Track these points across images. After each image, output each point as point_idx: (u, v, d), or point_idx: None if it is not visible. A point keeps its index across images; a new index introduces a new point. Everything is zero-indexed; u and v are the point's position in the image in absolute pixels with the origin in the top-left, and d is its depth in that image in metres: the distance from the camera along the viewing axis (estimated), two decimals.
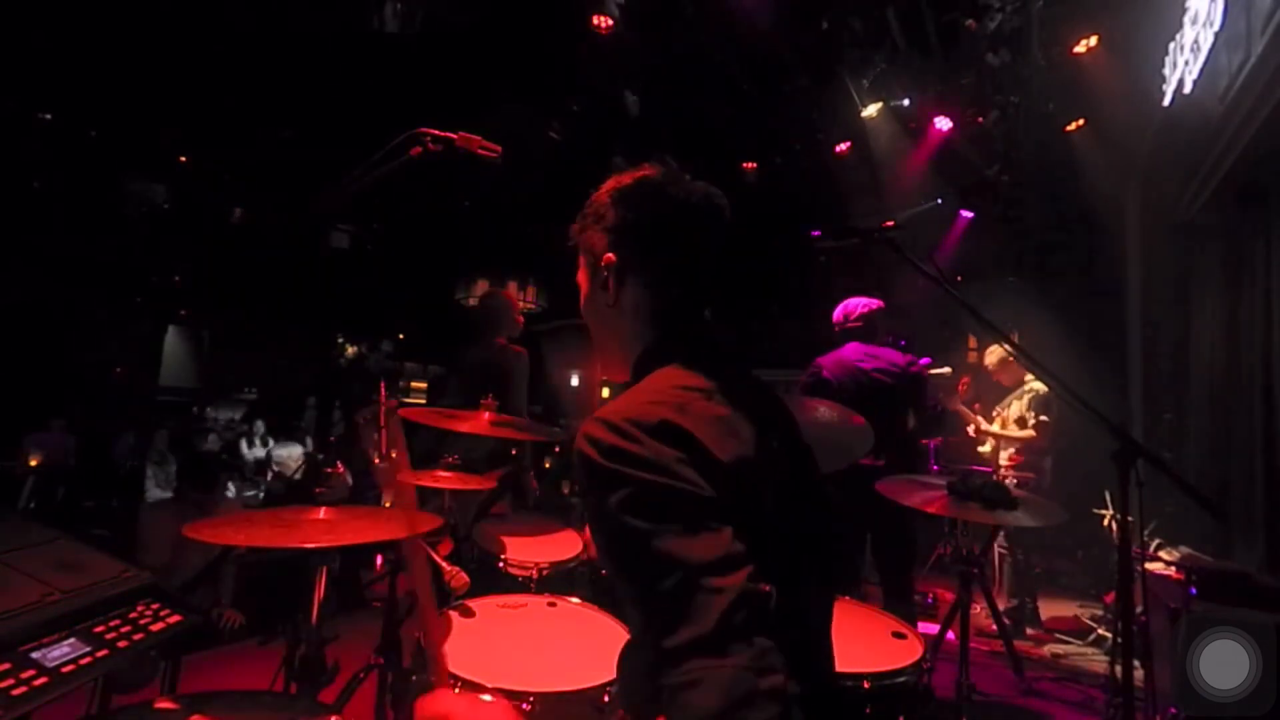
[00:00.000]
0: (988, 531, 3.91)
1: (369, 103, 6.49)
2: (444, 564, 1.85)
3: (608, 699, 1.41)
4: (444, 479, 2.24)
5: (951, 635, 2.90)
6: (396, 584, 2.18)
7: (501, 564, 2.30)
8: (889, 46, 6.16)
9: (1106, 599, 4.25)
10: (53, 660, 1.01)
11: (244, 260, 10.43)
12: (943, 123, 6.82)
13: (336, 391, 11.34)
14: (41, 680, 0.97)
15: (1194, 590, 2.30)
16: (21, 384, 8.66)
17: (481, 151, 1.62)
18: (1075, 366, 5.09)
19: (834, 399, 2.45)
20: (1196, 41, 4.30)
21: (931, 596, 4.90)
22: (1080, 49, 5.63)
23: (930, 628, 3.28)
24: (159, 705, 1.19)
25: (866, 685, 1.59)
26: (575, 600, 1.97)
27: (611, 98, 7.00)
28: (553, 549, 2.50)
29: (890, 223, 1.91)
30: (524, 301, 10.74)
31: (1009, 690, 3.47)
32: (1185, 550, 3.14)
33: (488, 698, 1.29)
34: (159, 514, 4.43)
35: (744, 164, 8.28)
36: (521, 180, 7.85)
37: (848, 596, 2.20)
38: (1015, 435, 4.49)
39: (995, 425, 4.64)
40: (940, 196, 7.55)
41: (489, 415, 2.36)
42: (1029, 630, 4.35)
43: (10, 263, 8.57)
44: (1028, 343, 4.33)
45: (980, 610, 4.14)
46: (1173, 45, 4.82)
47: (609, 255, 0.98)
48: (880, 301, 3.32)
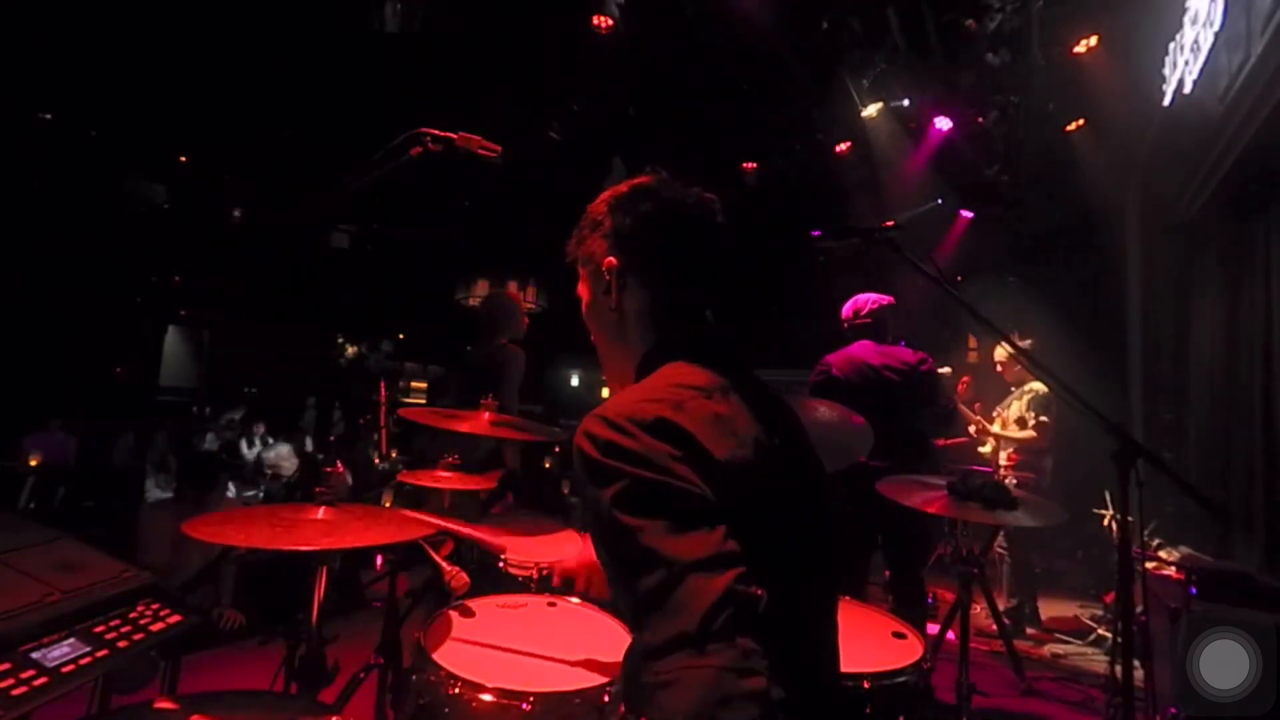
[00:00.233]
0: (988, 531, 3.91)
1: (369, 103, 6.50)
2: (444, 564, 1.85)
3: (608, 699, 1.41)
4: (444, 479, 2.24)
5: (951, 635, 2.91)
6: (396, 584, 2.19)
7: (501, 564, 2.30)
8: (889, 46, 6.16)
9: (1106, 599, 4.25)
10: (53, 660, 1.01)
11: (244, 260, 10.45)
12: (943, 123, 6.82)
13: (336, 391, 11.34)
14: (41, 680, 0.97)
15: (1194, 590, 2.29)
16: (21, 384, 8.65)
17: (481, 151, 1.62)
18: (1075, 366, 5.10)
19: (843, 397, 2.41)
20: (1196, 41, 4.30)
21: (931, 596, 4.88)
22: (1080, 49, 5.63)
23: (930, 628, 3.28)
24: (159, 705, 1.19)
25: (866, 685, 1.58)
26: (575, 600, 1.97)
27: (611, 97, 7.00)
28: (553, 549, 2.50)
29: (890, 223, 1.90)
30: (524, 302, 10.73)
31: (1009, 690, 3.47)
32: (1185, 550, 3.14)
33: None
34: (159, 514, 4.44)
35: (744, 164, 8.28)
36: (521, 180, 7.85)
37: (850, 597, 2.20)
38: (1015, 435, 4.49)
39: (995, 425, 4.65)
40: (940, 196, 7.55)
41: (489, 415, 2.36)
42: (1029, 630, 4.36)
43: (10, 263, 8.57)
44: (1028, 343, 4.33)
45: (980, 610, 4.14)
46: (1173, 45, 4.82)
47: (610, 259, 0.99)
48: (890, 298, 3.27)
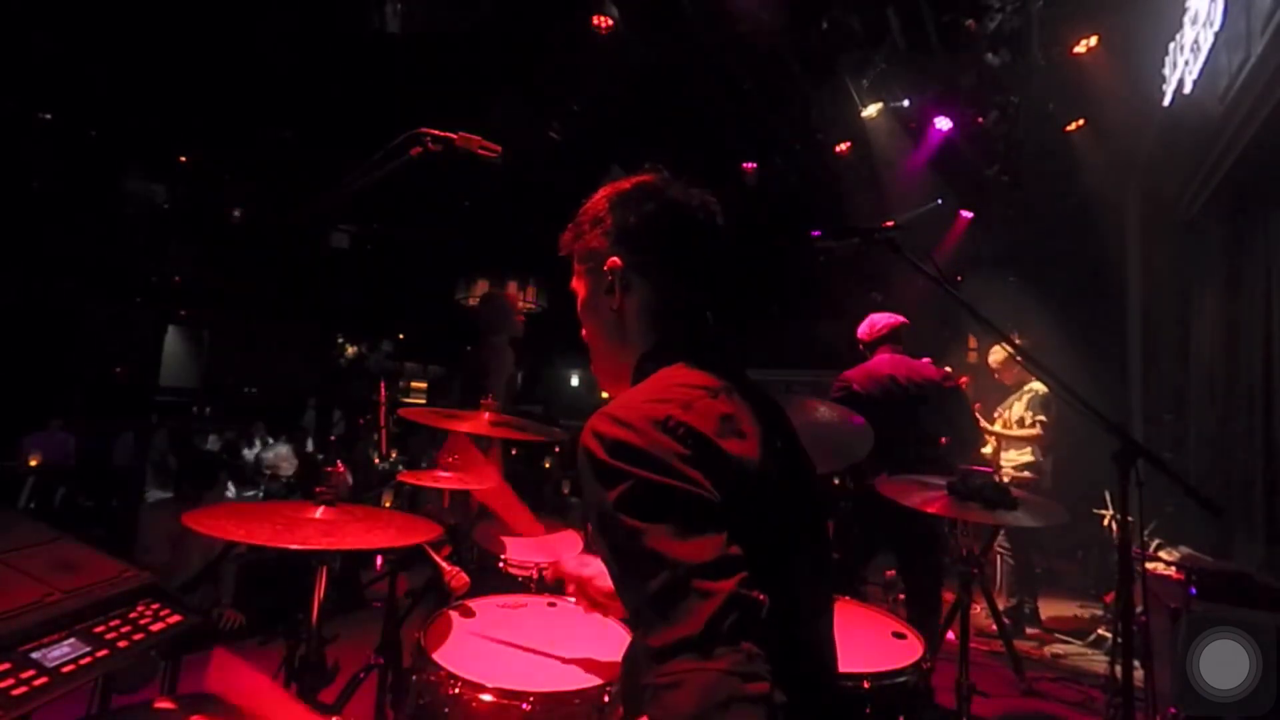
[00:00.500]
0: (988, 531, 3.90)
1: (369, 103, 6.50)
2: (444, 564, 1.85)
3: (608, 699, 1.41)
4: (444, 479, 2.24)
5: (951, 635, 2.90)
6: (396, 584, 2.19)
7: (501, 564, 2.30)
8: (889, 46, 6.15)
9: (1106, 599, 4.25)
10: (53, 660, 1.01)
11: (244, 260, 10.45)
12: (943, 123, 6.81)
13: (337, 391, 11.35)
14: (41, 680, 0.97)
15: (1194, 590, 2.29)
16: (21, 384, 8.65)
17: (481, 151, 1.62)
18: (1075, 366, 5.09)
19: (866, 413, 2.37)
20: (1196, 41, 4.30)
21: None
22: (1080, 49, 5.63)
23: None
24: (159, 705, 1.19)
25: (866, 685, 1.58)
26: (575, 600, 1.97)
27: (611, 97, 6.99)
28: (553, 549, 2.50)
29: (890, 223, 1.90)
30: (524, 301, 10.74)
31: (1009, 690, 3.47)
32: (1185, 550, 3.14)
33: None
34: (159, 514, 4.44)
35: (744, 164, 8.27)
36: (521, 180, 7.85)
37: (847, 596, 2.20)
38: (1016, 435, 4.49)
39: (996, 425, 4.65)
40: (940, 196, 7.54)
41: (489, 415, 2.37)
42: (1029, 630, 4.36)
43: (10, 263, 8.57)
44: (1028, 343, 4.33)
45: (980, 610, 4.14)
46: (1173, 45, 4.82)
47: (613, 259, 0.98)
48: (904, 319, 3.23)
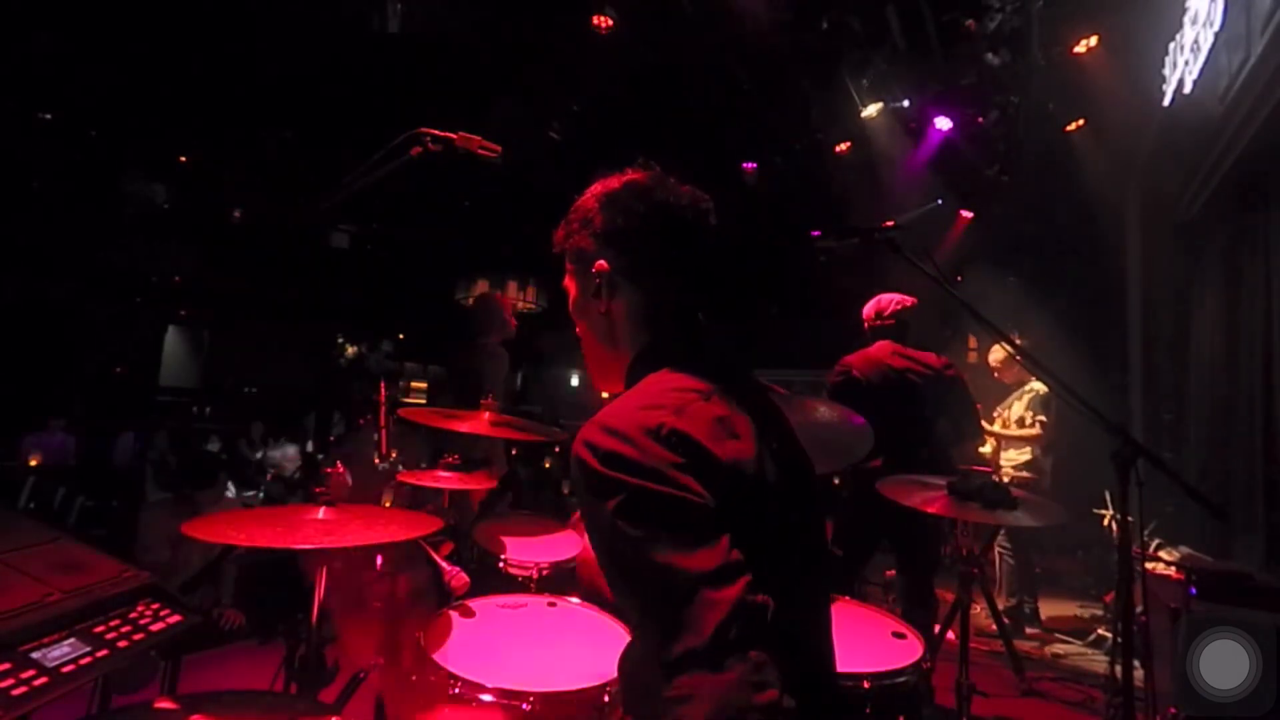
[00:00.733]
0: (988, 531, 3.90)
1: (369, 103, 6.50)
2: (444, 564, 1.85)
3: (608, 699, 1.41)
4: (444, 479, 2.24)
5: (951, 635, 2.90)
6: (397, 584, 2.18)
7: (501, 564, 2.30)
8: (889, 46, 6.15)
9: (1106, 599, 4.25)
10: (53, 660, 1.01)
11: (244, 260, 10.45)
12: (943, 123, 6.81)
13: (336, 391, 11.33)
14: (41, 680, 0.97)
15: (1194, 590, 2.29)
16: (21, 384, 8.65)
17: (481, 151, 1.62)
18: (1075, 366, 5.09)
19: (864, 399, 2.35)
20: (1196, 41, 4.30)
21: None
22: (1080, 49, 5.63)
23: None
24: (159, 705, 1.19)
25: (866, 685, 1.58)
26: (575, 600, 1.97)
27: (611, 97, 6.99)
28: (553, 549, 2.50)
29: (890, 223, 1.90)
30: (524, 301, 10.73)
31: (1009, 690, 3.47)
32: (1185, 550, 3.13)
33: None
34: (159, 514, 4.43)
35: (744, 164, 8.27)
36: (521, 180, 7.85)
37: (847, 596, 2.20)
38: (1016, 435, 4.49)
39: (996, 425, 4.65)
40: (940, 196, 7.54)
41: (489, 415, 2.37)
42: (1029, 630, 4.36)
43: (10, 263, 8.57)
44: (1028, 342, 4.33)
45: (980, 610, 4.14)
46: (1173, 45, 4.82)
47: (600, 261, 0.97)
48: (913, 299, 3.17)
